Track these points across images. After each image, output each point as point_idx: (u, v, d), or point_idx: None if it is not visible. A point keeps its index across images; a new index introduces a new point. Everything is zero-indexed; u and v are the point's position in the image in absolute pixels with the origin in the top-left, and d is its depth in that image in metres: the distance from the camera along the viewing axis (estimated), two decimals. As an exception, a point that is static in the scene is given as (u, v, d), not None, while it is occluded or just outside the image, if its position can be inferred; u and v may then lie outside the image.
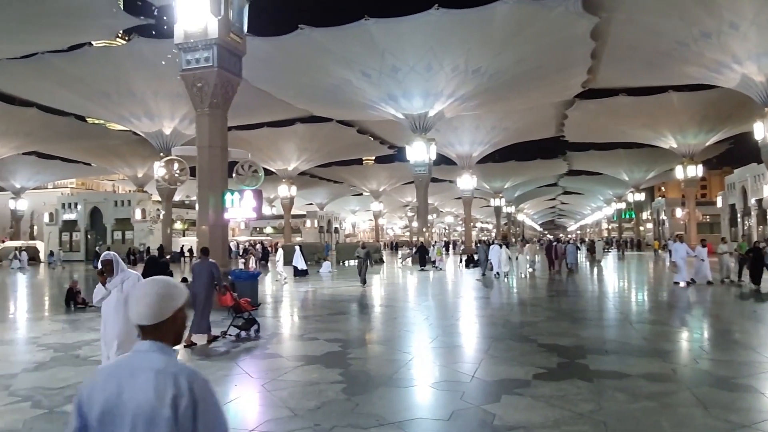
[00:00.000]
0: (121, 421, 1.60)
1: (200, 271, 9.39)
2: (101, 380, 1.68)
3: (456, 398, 5.80)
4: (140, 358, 1.70)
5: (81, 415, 1.65)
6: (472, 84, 28.57)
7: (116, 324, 5.27)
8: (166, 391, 1.62)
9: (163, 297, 1.78)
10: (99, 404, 1.63)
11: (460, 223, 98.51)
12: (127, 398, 1.62)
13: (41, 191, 62.69)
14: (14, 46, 25.52)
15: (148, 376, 1.64)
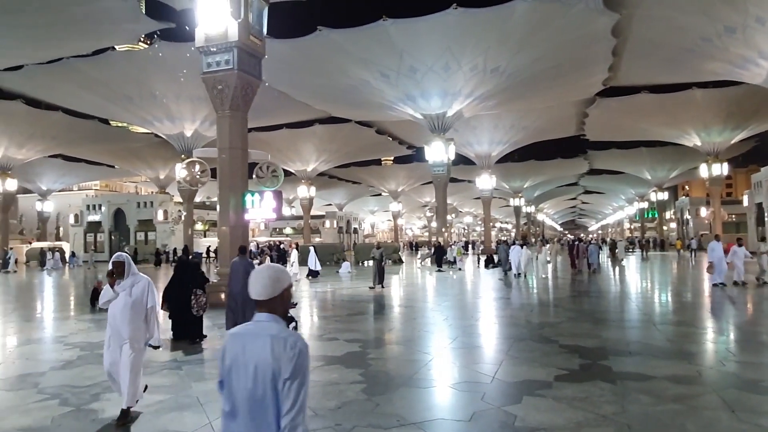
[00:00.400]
0: (245, 369, 2.24)
1: (237, 270, 9.55)
2: (231, 341, 2.33)
3: (477, 399, 5.77)
4: (259, 326, 2.31)
5: (222, 363, 2.32)
6: (491, 83, 28.41)
7: (124, 326, 5.12)
8: (277, 350, 2.21)
9: (273, 279, 2.36)
10: (230, 357, 2.28)
11: (479, 223, 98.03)
12: (249, 354, 2.25)
13: (67, 193, 64.00)
14: (40, 51, 26.13)
15: (265, 339, 2.24)
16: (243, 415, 2.21)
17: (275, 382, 2.17)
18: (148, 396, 6.04)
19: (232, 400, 2.24)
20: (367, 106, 33.56)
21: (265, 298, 2.33)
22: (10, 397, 6.13)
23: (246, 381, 2.21)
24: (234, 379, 2.25)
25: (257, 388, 2.19)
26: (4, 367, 7.73)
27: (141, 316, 5.20)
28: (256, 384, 2.19)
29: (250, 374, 2.21)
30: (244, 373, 2.22)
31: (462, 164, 47.86)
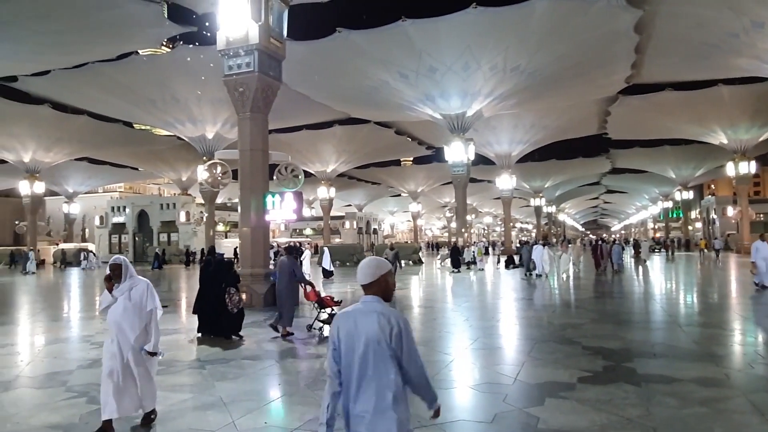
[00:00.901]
0: (358, 340, 2.77)
1: (283, 268, 10.02)
2: (343, 318, 2.88)
3: (498, 401, 5.74)
4: (367, 306, 2.85)
5: (336, 336, 2.85)
6: (511, 82, 28.21)
7: (131, 329, 4.88)
8: (384, 324, 2.76)
9: (374, 268, 2.93)
10: (344, 331, 2.82)
11: (499, 223, 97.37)
12: (360, 328, 2.78)
13: (92, 195, 65.32)
14: (67, 56, 26.72)
15: (372, 316, 2.79)
16: (355, 373, 2.77)
17: (382, 347, 2.74)
18: (172, 394, 6.14)
19: (346, 362, 2.81)
20: (387, 106, 33.59)
21: (368, 282, 2.89)
22: (40, 395, 6.27)
23: (358, 347, 2.76)
24: (348, 346, 2.80)
25: (368, 353, 2.75)
26: (33, 365, 7.91)
27: (144, 320, 4.98)
28: (367, 349, 2.75)
29: (362, 342, 2.76)
30: (357, 342, 2.77)
31: (482, 164, 47.60)
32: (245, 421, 5.23)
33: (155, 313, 5.05)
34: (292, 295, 9.88)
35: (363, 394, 2.74)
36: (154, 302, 5.05)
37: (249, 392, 6.32)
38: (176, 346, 9.08)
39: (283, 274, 9.94)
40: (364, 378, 2.74)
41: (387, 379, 2.73)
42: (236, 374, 7.07)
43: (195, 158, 40.86)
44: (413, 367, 2.82)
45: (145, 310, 4.98)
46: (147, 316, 5.00)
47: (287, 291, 9.78)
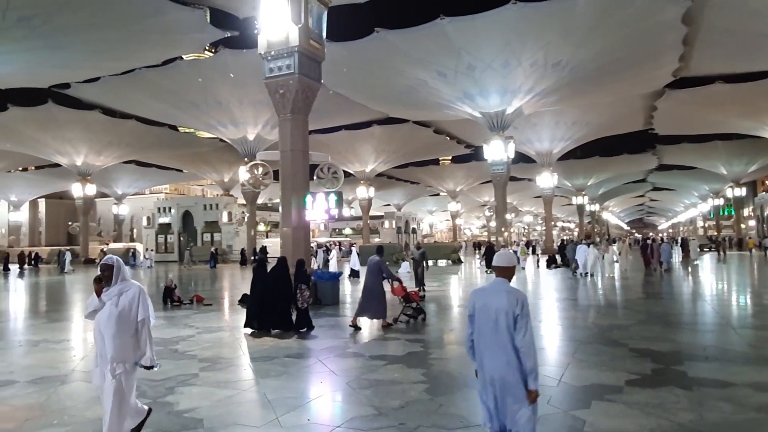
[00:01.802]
0: (489, 312, 3.61)
1: (371, 266, 10.88)
2: (477, 294, 3.78)
3: (542, 402, 5.58)
4: (497, 285, 3.71)
5: (473, 307, 3.75)
6: (552, 78, 27.67)
7: (108, 343, 4.23)
8: (512, 300, 3.56)
9: (510, 258, 3.86)
10: (479, 303, 3.71)
11: (540, 222, 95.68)
12: (491, 302, 3.63)
13: (140, 197, 67.57)
14: (115, 63, 27.74)
15: (502, 293, 3.63)
16: (485, 337, 3.64)
17: (508, 318, 3.53)
18: (218, 390, 6.28)
19: (478, 328, 3.70)
20: (425, 106, 33.50)
21: (504, 266, 3.78)
22: (94, 389, 6.51)
23: (489, 317, 3.60)
24: (481, 316, 3.67)
25: (499, 322, 3.56)
26: (87, 361, 8.22)
27: (129, 331, 4.31)
28: (497, 319, 3.56)
29: (492, 314, 3.59)
30: (489, 311, 3.61)
31: (522, 162, 46.91)
32: (288, 418, 5.30)
33: (147, 323, 4.41)
34: (381, 291, 10.63)
35: (492, 348, 3.60)
36: (146, 311, 4.40)
37: (292, 389, 6.41)
38: (220, 344, 9.30)
39: (371, 272, 10.74)
40: (493, 337, 3.59)
41: (509, 339, 3.54)
42: (279, 372, 7.18)
43: (237, 160, 41.76)
44: (527, 334, 3.53)
45: (134, 319, 4.34)
46: (135, 326, 4.36)
47: (376, 287, 10.59)
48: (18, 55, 23.39)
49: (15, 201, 62.26)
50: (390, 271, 11.06)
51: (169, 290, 14.90)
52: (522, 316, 3.52)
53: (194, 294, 15.75)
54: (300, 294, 10.29)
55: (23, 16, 20.39)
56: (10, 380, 6.93)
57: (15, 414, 5.55)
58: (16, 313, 14.92)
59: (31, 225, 68.40)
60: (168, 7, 22.03)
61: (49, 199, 67.65)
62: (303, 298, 10.27)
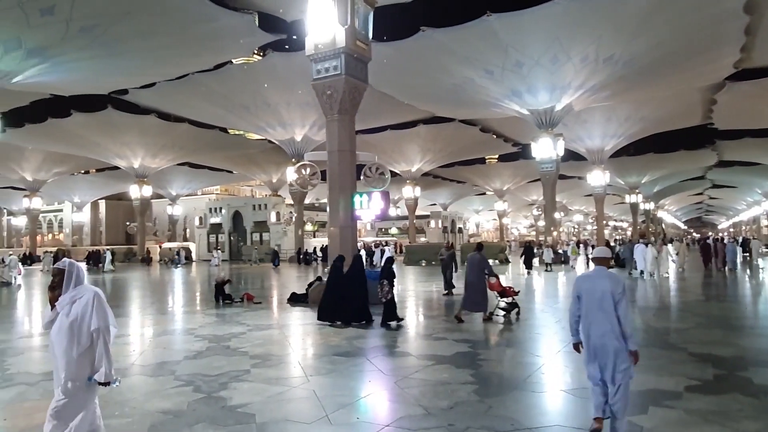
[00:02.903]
0: (595, 292, 4.54)
1: (472, 262, 11.37)
2: (582, 279, 4.81)
3: (597, 407, 5.46)
4: (600, 272, 4.69)
5: (580, 289, 4.68)
6: (604, 73, 26.86)
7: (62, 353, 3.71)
8: (615, 283, 4.52)
9: (606, 251, 4.96)
10: (585, 286, 4.67)
11: (590, 221, 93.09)
12: (596, 284, 4.58)
13: (192, 197, 69.80)
14: (170, 69, 28.77)
15: (604, 278, 4.60)
16: (592, 312, 4.56)
17: (612, 297, 4.47)
18: (269, 387, 6.41)
19: (585, 305, 4.61)
20: (471, 104, 33.17)
21: (602, 257, 4.83)
22: (152, 383, 6.78)
23: (595, 296, 4.55)
24: (588, 296, 4.59)
25: (603, 301, 4.50)
26: (145, 355, 8.56)
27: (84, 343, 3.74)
28: (602, 298, 4.51)
29: (598, 293, 4.53)
30: (594, 293, 4.56)
31: (572, 160, 45.77)
32: (338, 415, 5.35)
33: (103, 334, 3.78)
34: (483, 285, 11.17)
35: (598, 321, 4.50)
36: (101, 319, 3.78)
37: (341, 387, 6.47)
38: (270, 341, 9.48)
39: (473, 268, 11.23)
40: (599, 311, 4.49)
41: (612, 315, 4.44)
42: (328, 369, 7.26)
43: (285, 160, 42.53)
44: (626, 312, 4.48)
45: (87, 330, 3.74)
46: (93, 338, 3.77)
47: (478, 282, 11.13)
48: (80, 63, 24.58)
49: (78, 202, 65.55)
50: (491, 267, 11.66)
51: (221, 287, 15.31)
52: (622, 294, 4.48)
53: (244, 292, 16.13)
54: (380, 289, 10.91)
55: (85, 25, 21.41)
56: (75, 372, 7.28)
57: (80, 405, 5.82)
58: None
59: (93, 225, 71.81)
60: (219, 13, 22.65)
61: (109, 201, 70.84)
62: (383, 293, 10.85)
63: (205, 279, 26.20)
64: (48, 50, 22.34)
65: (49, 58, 22.97)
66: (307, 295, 14.80)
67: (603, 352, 4.47)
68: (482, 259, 11.49)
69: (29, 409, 5.74)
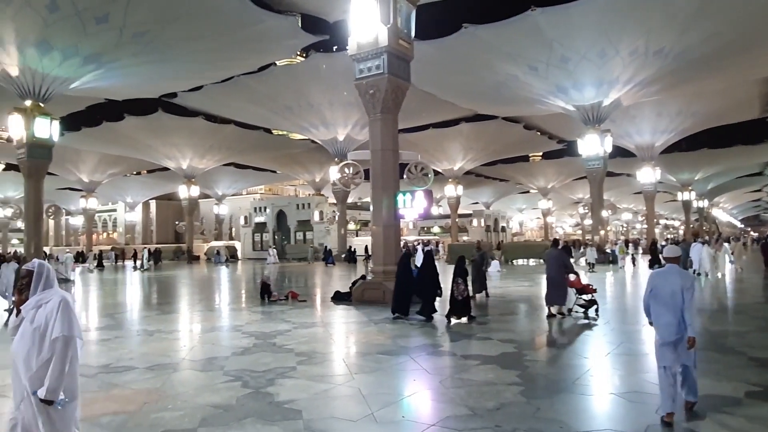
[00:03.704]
0: (666, 286, 5.17)
1: (550, 258, 11.57)
2: (656, 275, 5.37)
3: (649, 411, 5.29)
4: (671, 269, 5.27)
5: (651, 285, 5.32)
6: (654, 67, 25.96)
7: (23, 363, 3.33)
8: (685, 280, 5.15)
9: (677, 250, 5.52)
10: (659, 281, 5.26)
11: (640, 220, 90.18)
12: (668, 280, 5.19)
13: (237, 197, 71.40)
14: (216, 72, 29.52)
15: (675, 274, 5.22)
16: (662, 304, 5.16)
17: (682, 291, 5.03)
18: (314, 384, 6.48)
19: (656, 298, 5.22)
20: (515, 101, 32.66)
21: (674, 256, 5.41)
22: (202, 377, 6.97)
23: (666, 290, 5.14)
24: (660, 289, 5.19)
25: (673, 296, 5.07)
26: (194, 351, 8.81)
27: (43, 354, 3.31)
28: (673, 292, 5.08)
29: (668, 289, 5.12)
30: (665, 287, 5.16)
31: (619, 157, 44.44)
32: (383, 413, 5.36)
33: (63, 344, 3.30)
34: (563, 282, 11.35)
35: (668, 314, 5.09)
36: (65, 327, 3.34)
37: (385, 385, 6.49)
38: (314, 339, 9.59)
39: (554, 264, 11.41)
40: (669, 306, 5.09)
41: (678, 308, 5.04)
42: (372, 368, 7.29)
43: (327, 160, 42.98)
44: (690, 304, 5.05)
45: (49, 339, 3.32)
46: (52, 349, 3.31)
47: (559, 278, 11.32)
48: (133, 69, 25.52)
49: (130, 202, 68.11)
50: (571, 264, 11.91)
51: (266, 285, 15.60)
52: (689, 289, 5.05)
53: (289, 290, 16.38)
54: (456, 287, 11.18)
55: (138, 32, 22.23)
56: (130, 366, 7.57)
57: (135, 397, 6.05)
58: (132, 305, 16.31)
59: (144, 224, 74.42)
60: (263, 15, 23.09)
61: (159, 201, 73.26)
62: (458, 291, 11.16)
63: (250, 277, 26.75)
64: (103, 56, 23.30)
65: (104, 64, 23.95)
66: (350, 293, 14.90)
67: (669, 339, 5.08)
68: (560, 254, 11.68)
69: (88, 401, 5.99)
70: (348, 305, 13.99)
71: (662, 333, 5.11)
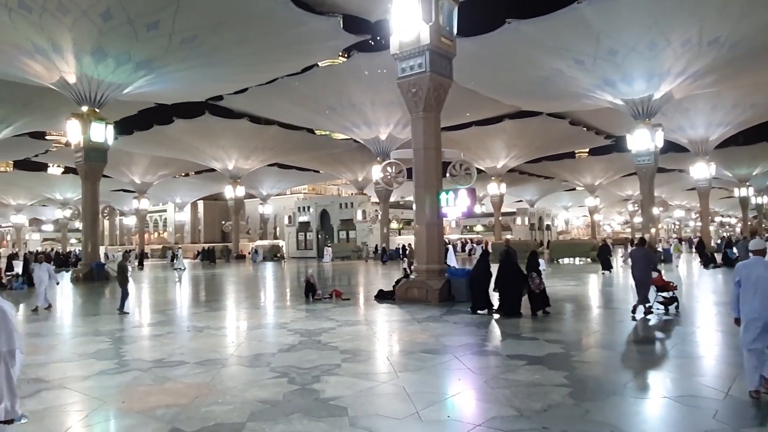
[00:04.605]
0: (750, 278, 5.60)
1: (637, 257, 11.42)
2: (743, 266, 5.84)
3: (706, 417, 5.09)
4: (757, 260, 5.73)
5: (737, 276, 5.75)
6: (708, 58, 24.86)
7: None
8: None
9: (762, 243, 5.91)
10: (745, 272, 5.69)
11: (693, 217, 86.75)
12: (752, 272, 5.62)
13: (281, 197, 72.71)
14: (261, 74, 30.11)
15: (760, 266, 5.64)
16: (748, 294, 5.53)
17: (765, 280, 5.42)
18: (359, 381, 6.52)
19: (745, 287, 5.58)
20: (560, 96, 31.96)
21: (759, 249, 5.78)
22: (250, 373, 7.13)
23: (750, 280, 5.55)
24: (745, 280, 5.60)
25: (758, 284, 5.47)
26: (242, 348, 9.02)
27: None
28: (757, 282, 5.48)
29: (753, 278, 5.52)
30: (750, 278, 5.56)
31: (671, 152, 42.89)
32: (428, 412, 5.35)
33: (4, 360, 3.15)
34: (648, 280, 11.27)
35: (755, 301, 5.47)
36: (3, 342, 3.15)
37: (430, 384, 6.47)
38: (358, 337, 9.66)
39: (638, 261, 11.35)
40: (756, 293, 5.47)
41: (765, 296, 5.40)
42: (416, 366, 7.28)
43: (370, 159, 43.21)
44: None
45: None
46: None
47: (645, 275, 11.22)
48: (181, 73, 26.34)
49: (179, 203, 70.40)
50: (657, 263, 12.00)
51: (310, 284, 15.81)
52: None
53: (333, 289, 16.55)
54: (531, 281, 11.58)
55: (186, 38, 22.92)
56: (182, 361, 7.82)
57: (187, 391, 6.25)
58: (182, 302, 16.83)
59: (193, 224, 76.75)
60: (306, 17, 23.39)
61: (206, 201, 75.41)
62: (534, 284, 11.57)
63: (294, 276, 27.17)
64: (153, 62, 24.14)
65: (155, 70, 24.81)
66: (394, 292, 14.92)
67: (755, 324, 5.44)
68: (648, 253, 11.68)
69: (143, 393, 6.23)
70: (391, 304, 14.02)
71: (749, 318, 5.50)
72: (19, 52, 22.39)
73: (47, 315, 13.57)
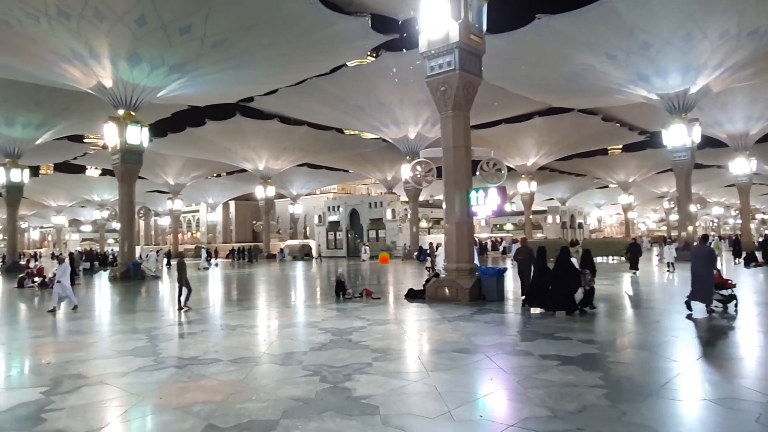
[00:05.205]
0: None
1: (698, 253, 11.47)
2: None
3: (749, 420, 4.94)
4: None
5: None
6: (747, 49, 24.10)
7: None
8: None
9: None
10: None
11: (733, 214, 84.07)
12: None
13: (311, 197, 73.32)
14: (290, 75, 30.43)
15: None
16: None
17: None
18: (391, 380, 6.53)
19: None
20: (592, 92, 31.40)
21: None
22: (282, 371, 7.22)
23: None
24: None
25: None
26: (274, 346, 9.13)
27: None
28: None
29: None
30: None
31: (709, 147, 41.78)
32: (460, 412, 5.33)
33: None
34: (710, 277, 11.16)
35: None
36: None
37: (461, 384, 6.45)
38: (389, 336, 9.67)
39: (699, 258, 11.30)
40: None
41: None
42: (448, 365, 7.25)
43: (399, 158, 43.19)
44: None
45: None
46: None
47: (707, 272, 11.07)
48: (213, 76, 26.81)
49: (212, 203, 71.74)
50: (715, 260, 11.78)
51: (341, 283, 15.89)
52: None
53: (363, 288, 16.60)
54: (583, 278, 11.88)
55: (217, 41, 23.32)
56: (216, 359, 7.97)
57: (222, 388, 6.37)
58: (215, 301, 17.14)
59: (224, 224, 78.06)
60: (334, 18, 23.52)
61: (237, 201, 76.61)
62: (585, 281, 11.89)
63: (324, 275, 27.36)
64: (186, 66, 24.63)
65: (187, 73, 25.32)
66: (424, 291, 14.90)
67: None
68: (710, 251, 11.59)
69: (180, 390, 6.37)
70: (421, 303, 14.00)
71: None
72: (58, 58, 23.14)
73: (85, 314, 14.00)
